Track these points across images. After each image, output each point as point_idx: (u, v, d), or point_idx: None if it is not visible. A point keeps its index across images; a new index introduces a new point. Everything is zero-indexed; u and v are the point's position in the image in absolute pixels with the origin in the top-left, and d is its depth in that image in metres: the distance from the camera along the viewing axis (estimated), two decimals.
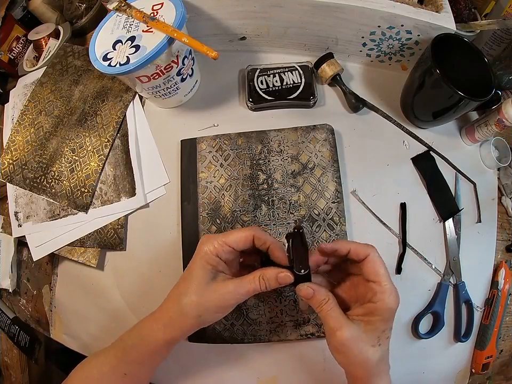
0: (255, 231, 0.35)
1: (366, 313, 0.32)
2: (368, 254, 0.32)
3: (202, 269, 0.34)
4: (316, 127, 0.48)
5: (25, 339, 0.53)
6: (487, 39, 0.52)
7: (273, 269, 0.33)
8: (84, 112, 0.53)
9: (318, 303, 0.32)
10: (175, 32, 0.39)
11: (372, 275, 0.32)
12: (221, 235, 0.34)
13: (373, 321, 0.31)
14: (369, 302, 0.31)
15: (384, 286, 0.31)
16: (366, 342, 0.30)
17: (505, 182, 0.51)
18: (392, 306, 0.31)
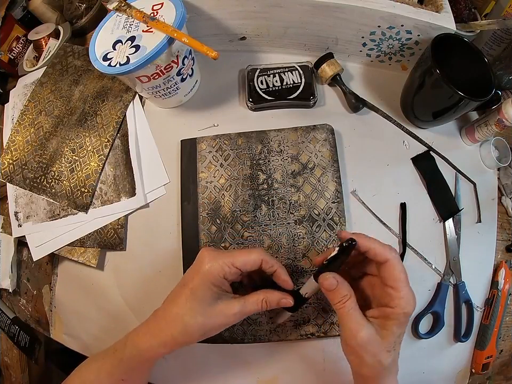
0: (264, 255, 0.34)
1: (382, 316, 0.31)
2: (388, 259, 0.31)
3: (208, 290, 0.33)
4: (316, 127, 0.48)
5: (25, 339, 0.53)
6: (487, 39, 0.52)
7: (277, 294, 0.35)
8: (84, 112, 0.53)
9: (339, 298, 0.31)
10: (175, 32, 0.39)
11: (390, 280, 0.31)
12: (227, 255, 0.34)
13: (389, 326, 0.30)
14: (386, 306, 0.31)
15: (403, 292, 0.30)
16: (382, 346, 0.30)
17: (505, 182, 0.51)
18: (409, 312, 0.31)
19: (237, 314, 0.33)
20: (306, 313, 0.43)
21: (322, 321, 0.42)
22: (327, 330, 0.42)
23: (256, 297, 0.34)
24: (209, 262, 0.33)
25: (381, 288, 0.32)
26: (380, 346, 0.30)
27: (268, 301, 0.34)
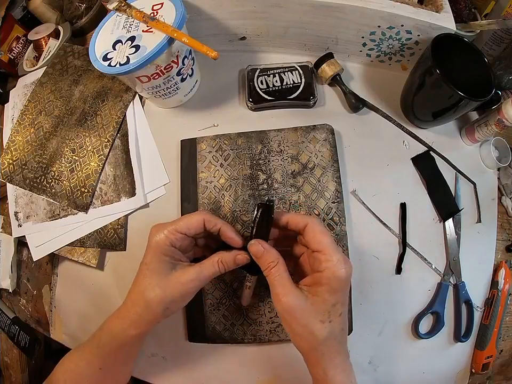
0: (205, 215, 0.35)
1: (313, 282, 0.30)
2: (307, 223, 0.31)
3: (160, 261, 0.34)
4: (315, 127, 0.48)
5: (25, 339, 0.53)
6: (487, 39, 0.52)
7: (231, 252, 0.34)
8: (84, 112, 0.53)
9: (266, 264, 0.31)
10: (175, 32, 0.39)
11: (314, 244, 0.31)
12: (170, 223, 0.34)
13: (320, 292, 0.29)
14: (316, 271, 0.30)
15: (328, 253, 0.30)
16: (314, 315, 0.29)
17: (505, 182, 0.51)
18: (339, 275, 0.29)
19: (195, 280, 0.33)
20: None
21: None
22: None
23: (212, 260, 0.34)
24: (156, 234, 0.34)
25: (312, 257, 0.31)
26: (310, 314, 0.29)
27: (224, 261, 0.34)
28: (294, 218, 0.33)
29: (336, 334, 0.30)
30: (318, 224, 0.31)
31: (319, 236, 0.31)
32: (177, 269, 0.34)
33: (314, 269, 0.31)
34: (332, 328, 0.29)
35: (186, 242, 0.35)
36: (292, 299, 0.29)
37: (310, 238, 0.31)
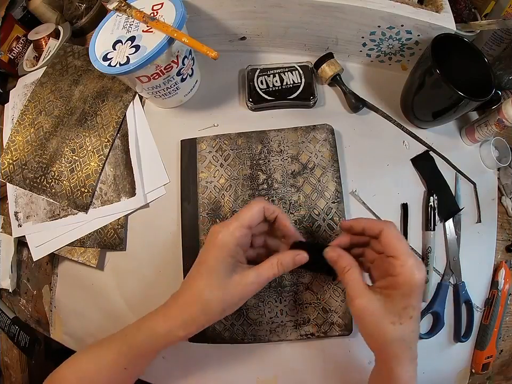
0: (263, 203, 0.35)
1: (387, 286, 0.31)
2: (382, 229, 0.31)
3: (223, 262, 0.32)
4: (315, 127, 0.48)
5: (25, 339, 0.53)
6: (487, 39, 0.52)
7: (289, 252, 0.35)
8: (84, 112, 0.53)
9: (341, 269, 0.32)
10: (175, 32, 0.39)
11: (389, 250, 0.31)
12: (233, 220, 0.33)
13: (393, 295, 0.30)
14: (390, 275, 0.31)
15: (403, 259, 0.30)
16: (384, 316, 0.30)
17: (505, 182, 0.51)
18: (412, 281, 0.29)
19: (254, 284, 0.33)
20: (306, 313, 0.43)
21: (322, 321, 0.42)
22: (327, 331, 0.42)
23: (270, 262, 0.34)
24: (220, 233, 0.33)
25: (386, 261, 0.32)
26: (381, 315, 0.30)
27: (283, 262, 0.34)
28: (370, 224, 0.33)
29: (405, 337, 0.30)
30: (393, 230, 0.32)
31: (395, 241, 0.31)
32: (237, 271, 0.33)
33: (389, 273, 0.31)
34: (402, 331, 0.30)
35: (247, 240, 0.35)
36: (364, 300, 0.30)
37: (385, 243, 0.31)
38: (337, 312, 0.42)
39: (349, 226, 0.35)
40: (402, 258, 0.30)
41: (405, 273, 0.29)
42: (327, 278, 0.37)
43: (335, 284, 0.43)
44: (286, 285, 0.43)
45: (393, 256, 0.30)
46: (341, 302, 0.43)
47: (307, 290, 0.43)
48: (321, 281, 0.43)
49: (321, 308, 0.43)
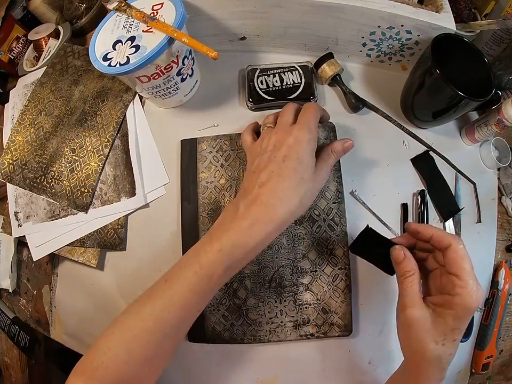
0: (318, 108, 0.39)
1: (441, 303, 0.30)
2: (450, 244, 0.31)
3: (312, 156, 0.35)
4: None
5: (25, 339, 0.53)
6: (487, 39, 0.52)
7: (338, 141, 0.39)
8: (84, 112, 0.53)
9: (403, 271, 0.32)
10: (175, 32, 0.39)
11: (453, 267, 0.30)
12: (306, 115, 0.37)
13: (445, 315, 0.30)
14: (447, 294, 0.30)
15: (465, 281, 0.29)
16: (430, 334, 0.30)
17: (505, 182, 0.51)
18: (469, 305, 0.29)
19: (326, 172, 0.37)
20: (306, 313, 0.43)
21: (322, 322, 0.42)
22: (326, 331, 0.42)
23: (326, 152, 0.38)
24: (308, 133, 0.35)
25: (446, 277, 0.31)
26: (428, 332, 0.30)
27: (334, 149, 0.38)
28: (439, 235, 0.32)
29: (443, 358, 0.30)
30: (461, 248, 0.31)
31: (460, 260, 0.30)
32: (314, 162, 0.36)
33: (446, 290, 0.30)
34: (442, 351, 0.30)
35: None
36: (416, 312, 0.30)
37: (451, 259, 0.30)
38: (337, 313, 0.42)
39: (416, 231, 0.34)
40: (465, 279, 0.29)
41: (464, 296, 0.29)
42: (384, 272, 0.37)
43: (335, 285, 0.43)
44: (286, 285, 0.44)
45: (456, 275, 0.30)
46: (340, 302, 0.43)
47: (307, 290, 0.43)
48: (321, 282, 0.43)
49: (321, 308, 0.43)
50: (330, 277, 0.43)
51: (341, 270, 0.43)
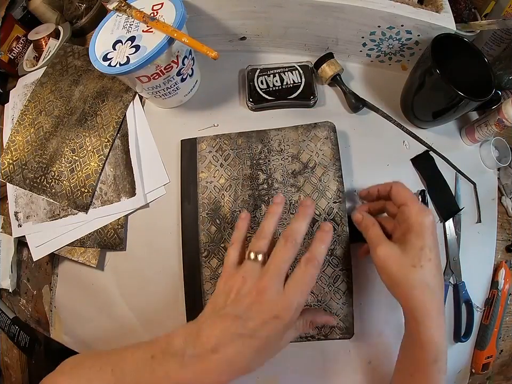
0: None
1: (402, 234, 0.34)
2: (391, 186, 0.37)
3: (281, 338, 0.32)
4: (317, 124, 0.48)
5: (25, 339, 0.53)
6: (487, 39, 0.52)
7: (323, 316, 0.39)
8: (84, 112, 0.53)
9: (364, 227, 0.37)
10: (175, 32, 0.39)
11: (398, 199, 0.35)
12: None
13: (408, 239, 0.33)
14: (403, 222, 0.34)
15: (411, 203, 0.34)
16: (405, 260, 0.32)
17: (505, 182, 0.51)
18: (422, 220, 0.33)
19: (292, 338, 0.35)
20: None
21: (323, 324, 0.42)
22: (327, 334, 0.42)
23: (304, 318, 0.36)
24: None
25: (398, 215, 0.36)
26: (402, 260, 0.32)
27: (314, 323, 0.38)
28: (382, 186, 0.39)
29: (428, 280, 0.32)
30: (401, 184, 0.37)
31: (402, 191, 0.36)
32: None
33: (402, 221, 0.35)
34: (423, 274, 0.32)
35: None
36: (385, 248, 0.34)
37: (395, 194, 0.36)
38: (338, 315, 0.42)
39: (366, 192, 0.41)
40: (410, 203, 0.34)
41: (414, 214, 0.33)
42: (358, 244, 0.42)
43: (336, 286, 0.43)
44: None
45: (403, 204, 0.35)
46: (342, 304, 0.42)
47: None
48: (321, 283, 0.43)
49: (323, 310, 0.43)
50: (331, 278, 0.43)
51: (342, 271, 0.43)
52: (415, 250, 0.32)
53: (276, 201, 0.37)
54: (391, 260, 0.33)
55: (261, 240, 0.33)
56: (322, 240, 0.33)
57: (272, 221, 0.35)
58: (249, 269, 0.32)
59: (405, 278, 0.32)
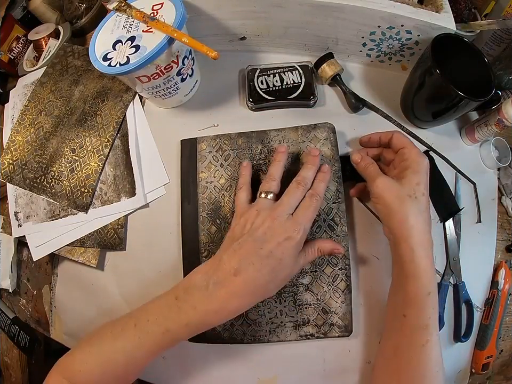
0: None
1: (400, 170, 0.37)
2: (392, 134, 0.40)
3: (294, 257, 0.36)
4: (316, 125, 0.48)
5: (25, 339, 0.53)
6: (487, 39, 0.52)
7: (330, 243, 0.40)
8: (84, 112, 0.53)
9: (363, 167, 0.40)
10: (175, 32, 0.39)
11: (399, 145, 0.39)
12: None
13: (406, 174, 0.36)
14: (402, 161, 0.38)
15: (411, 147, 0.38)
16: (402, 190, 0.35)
17: (505, 182, 0.51)
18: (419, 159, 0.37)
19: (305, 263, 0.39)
20: (306, 314, 0.43)
21: (322, 322, 0.42)
22: (326, 332, 0.42)
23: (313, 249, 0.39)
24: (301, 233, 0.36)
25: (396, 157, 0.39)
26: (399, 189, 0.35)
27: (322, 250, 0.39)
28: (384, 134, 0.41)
29: (422, 210, 0.35)
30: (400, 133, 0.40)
31: (402, 139, 0.39)
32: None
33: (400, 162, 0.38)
34: (418, 203, 0.35)
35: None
36: (384, 179, 0.37)
37: (396, 141, 0.39)
38: (337, 313, 0.42)
39: (368, 138, 0.43)
40: (409, 147, 0.38)
41: (413, 155, 0.37)
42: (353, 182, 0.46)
43: (335, 285, 0.43)
44: (285, 286, 0.43)
45: (402, 147, 0.38)
46: (340, 303, 0.43)
47: (307, 291, 0.43)
48: (321, 282, 0.43)
49: (321, 308, 0.43)
50: (331, 277, 0.43)
51: (341, 270, 0.43)
52: (412, 184, 0.35)
53: (280, 150, 0.42)
54: (389, 190, 0.36)
55: (270, 182, 0.39)
56: (322, 179, 0.40)
57: (279, 166, 0.41)
58: (262, 203, 0.38)
59: (402, 205, 0.35)
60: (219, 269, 0.34)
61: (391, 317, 0.38)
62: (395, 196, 0.35)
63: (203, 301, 0.33)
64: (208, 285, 0.33)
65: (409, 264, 0.34)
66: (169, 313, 0.34)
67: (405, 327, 0.35)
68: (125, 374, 0.36)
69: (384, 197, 0.36)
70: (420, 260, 0.34)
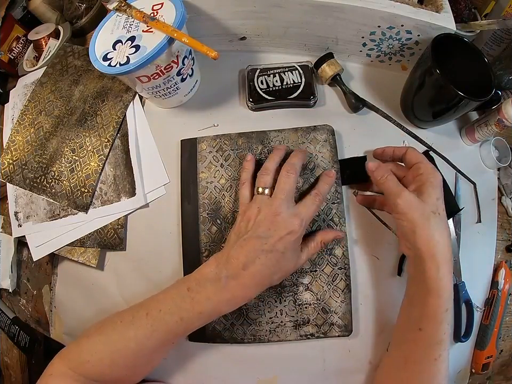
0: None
1: (418, 185, 0.37)
2: (406, 150, 0.39)
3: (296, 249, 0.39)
4: (316, 127, 0.48)
5: (25, 339, 0.53)
6: (487, 39, 0.52)
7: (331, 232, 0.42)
8: (84, 112, 0.53)
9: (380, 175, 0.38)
10: (175, 32, 0.39)
11: (412, 160, 0.38)
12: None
13: (425, 188, 0.36)
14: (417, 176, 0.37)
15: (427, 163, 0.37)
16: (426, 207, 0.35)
17: (505, 182, 0.51)
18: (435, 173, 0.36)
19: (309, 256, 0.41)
20: (306, 313, 0.43)
21: (322, 322, 0.42)
22: (326, 331, 0.42)
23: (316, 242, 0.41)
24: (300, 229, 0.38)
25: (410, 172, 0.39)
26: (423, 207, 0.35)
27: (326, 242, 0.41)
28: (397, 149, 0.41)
29: (445, 226, 0.35)
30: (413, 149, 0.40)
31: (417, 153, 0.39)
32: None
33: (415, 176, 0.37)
34: (441, 219, 0.35)
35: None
36: (405, 195, 0.35)
37: (410, 157, 0.39)
38: (337, 313, 0.42)
39: (382, 151, 0.43)
40: (424, 161, 0.38)
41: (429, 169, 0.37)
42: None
43: (335, 285, 0.43)
44: (285, 285, 0.44)
45: (416, 163, 0.38)
46: (340, 302, 0.43)
47: (307, 290, 0.43)
48: (321, 282, 0.43)
49: (321, 308, 0.43)
50: (330, 276, 0.43)
51: (340, 270, 0.43)
52: (433, 199, 0.35)
53: (278, 148, 0.44)
54: (413, 206, 0.35)
55: (265, 176, 0.40)
56: (326, 181, 0.42)
57: (273, 161, 0.42)
58: (260, 200, 0.39)
59: (428, 223, 0.34)
60: (229, 263, 0.36)
61: (403, 328, 0.38)
62: (420, 213, 0.35)
63: (217, 292, 0.36)
64: (220, 278, 0.36)
65: (432, 281, 0.34)
66: (182, 303, 0.36)
67: (420, 341, 0.34)
68: (134, 365, 0.37)
69: (408, 214, 0.35)
70: (443, 277, 0.33)
